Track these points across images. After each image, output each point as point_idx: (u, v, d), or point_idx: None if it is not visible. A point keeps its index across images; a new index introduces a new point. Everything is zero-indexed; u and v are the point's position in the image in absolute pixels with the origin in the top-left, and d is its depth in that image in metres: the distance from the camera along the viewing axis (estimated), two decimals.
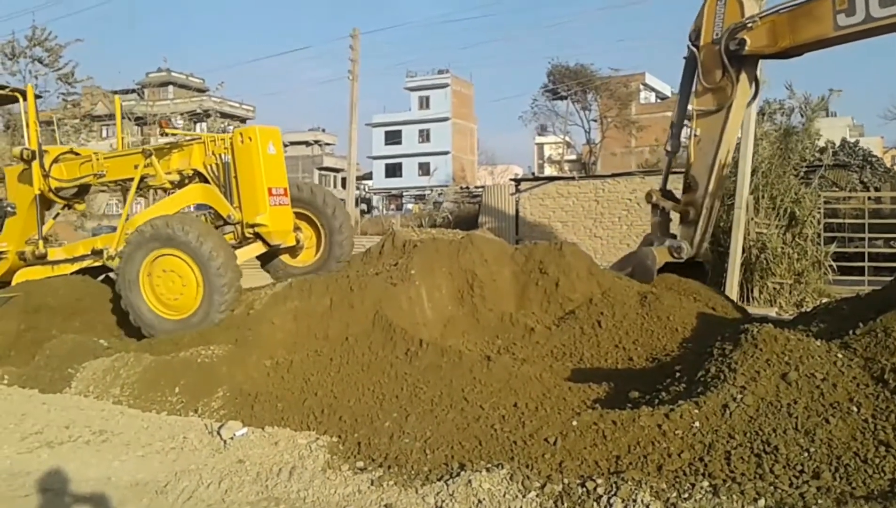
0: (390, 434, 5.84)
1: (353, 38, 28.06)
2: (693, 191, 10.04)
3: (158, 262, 8.32)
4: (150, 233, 8.29)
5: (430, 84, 68.17)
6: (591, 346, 8.13)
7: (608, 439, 5.08)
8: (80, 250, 10.09)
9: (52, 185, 10.04)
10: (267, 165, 8.73)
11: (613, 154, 52.17)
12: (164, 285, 8.34)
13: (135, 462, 5.89)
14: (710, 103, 9.65)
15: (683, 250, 10.16)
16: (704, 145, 9.82)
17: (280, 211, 8.91)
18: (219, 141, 8.99)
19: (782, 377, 5.20)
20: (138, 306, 8.42)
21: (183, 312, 8.29)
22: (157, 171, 9.15)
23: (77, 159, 10.19)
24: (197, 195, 9.22)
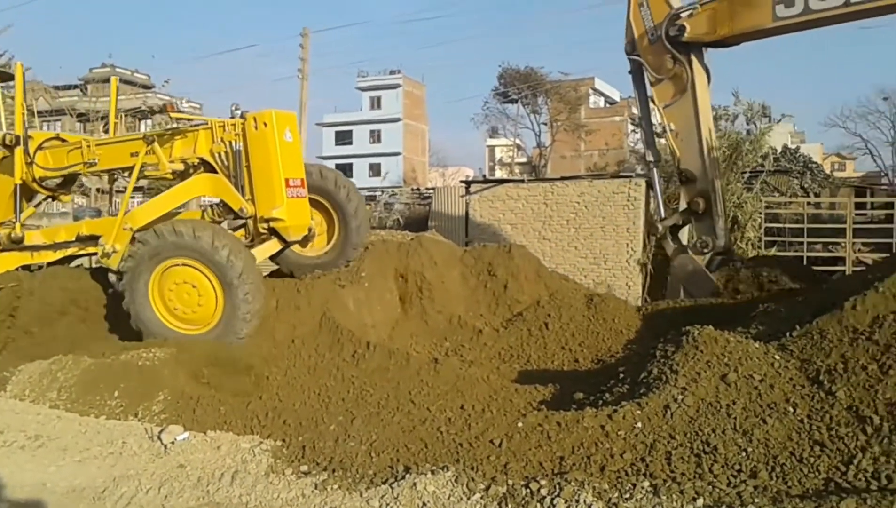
0: (335, 438, 5.80)
1: (303, 37, 27.81)
2: (692, 182, 9.71)
3: (169, 273, 7.56)
4: (158, 242, 7.53)
5: (381, 84, 67.87)
6: (539, 348, 8.21)
7: (552, 440, 5.12)
8: (61, 235, 9.16)
9: (35, 174, 9.12)
10: (284, 154, 7.97)
11: (563, 157, 52.67)
12: (178, 299, 7.59)
13: (72, 467, 5.73)
14: (671, 91, 9.57)
15: (708, 244, 9.70)
16: (684, 134, 9.65)
17: (297, 204, 8.15)
18: (228, 127, 8.11)
19: (722, 378, 5.31)
20: (150, 322, 7.64)
21: (201, 325, 7.58)
22: (159, 159, 8.32)
23: (64, 147, 9.26)
24: (204, 187, 8.29)
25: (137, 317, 7.59)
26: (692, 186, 9.74)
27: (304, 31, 27.94)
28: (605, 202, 16.40)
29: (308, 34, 27.89)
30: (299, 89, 27.80)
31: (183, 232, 7.32)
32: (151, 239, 7.49)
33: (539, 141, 53.05)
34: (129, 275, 7.63)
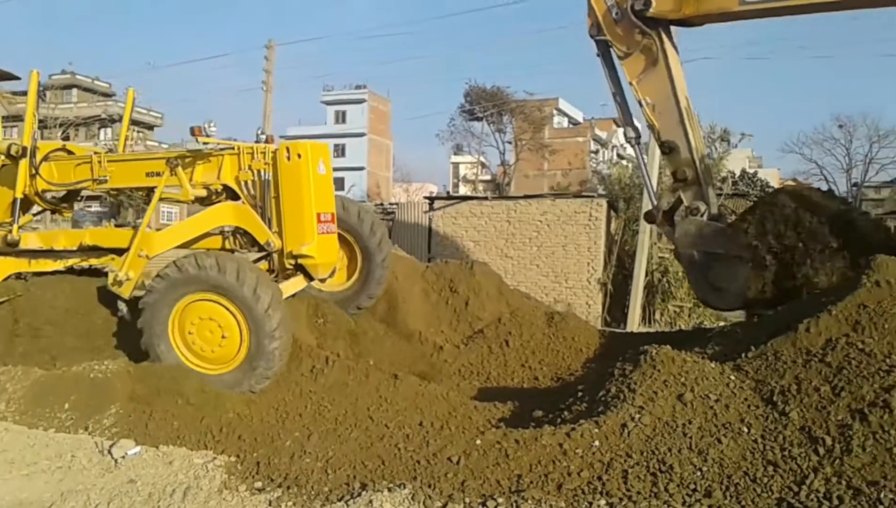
0: (291, 454, 5.71)
1: (268, 49, 27.72)
2: (677, 152, 9.28)
3: (191, 309, 7.04)
4: (181, 275, 7.00)
5: (346, 99, 67.85)
6: (499, 365, 8.22)
7: (510, 458, 5.11)
8: (61, 242, 8.44)
9: (39, 186, 8.44)
10: (317, 188, 7.50)
11: (526, 176, 53.09)
12: (199, 335, 7.03)
13: (18, 481, 5.56)
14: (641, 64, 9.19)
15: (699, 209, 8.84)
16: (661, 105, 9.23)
17: (327, 240, 7.68)
18: (257, 154, 7.58)
19: (678, 397, 5.36)
20: (168, 360, 7.07)
21: (221, 366, 7.02)
22: (182, 183, 7.73)
23: (72, 160, 8.58)
24: (229, 216, 7.67)
25: (157, 358, 7.08)
26: (676, 156, 9.21)
27: (269, 43, 27.89)
28: (566, 221, 16.54)
29: (273, 46, 27.83)
30: (263, 101, 27.67)
31: (206, 265, 6.86)
32: (173, 273, 7.02)
33: (503, 159, 53.49)
34: (148, 312, 7.10)
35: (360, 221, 8.41)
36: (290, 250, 7.44)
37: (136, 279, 7.57)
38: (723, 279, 8.39)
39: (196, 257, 6.96)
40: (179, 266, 6.97)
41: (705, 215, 8.84)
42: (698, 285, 8.93)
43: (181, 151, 8.00)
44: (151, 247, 7.60)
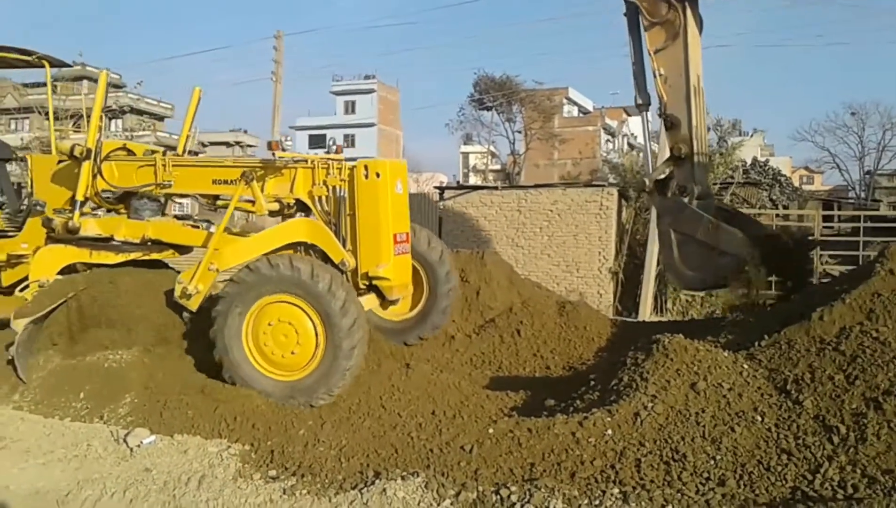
0: (305, 443, 5.76)
1: (276, 40, 27.69)
2: (677, 128, 9.39)
3: (265, 312, 6.83)
4: (255, 277, 6.81)
5: (355, 89, 67.74)
6: (510, 354, 8.22)
7: (523, 446, 5.13)
8: (122, 231, 8.17)
9: (99, 186, 8.14)
10: (394, 207, 7.31)
11: (536, 166, 52.96)
12: (273, 339, 6.82)
13: (35, 469, 5.62)
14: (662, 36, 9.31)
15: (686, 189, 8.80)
16: (672, 80, 9.30)
17: (402, 261, 7.52)
18: (333, 169, 7.34)
19: (691, 386, 5.36)
20: (238, 362, 6.82)
21: (292, 372, 6.77)
22: (256, 197, 7.48)
23: (133, 161, 8.27)
24: (302, 232, 7.41)
25: (231, 367, 6.82)
26: (676, 132, 9.38)
27: (277, 33, 27.86)
28: (577, 211, 16.49)
29: (281, 36, 27.81)
30: (272, 92, 27.67)
31: (280, 264, 6.72)
32: (246, 276, 6.87)
33: (513, 149, 53.32)
34: (221, 320, 6.86)
35: (430, 248, 8.19)
36: (366, 271, 7.24)
37: (204, 293, 7.41)
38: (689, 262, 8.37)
39: (269, 259, 6.82)
40: (252, 268, 6.81)
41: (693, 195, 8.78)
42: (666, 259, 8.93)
43: (254, 162, 7.83)
44: (222, 261, 7.39)
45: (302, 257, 6.96)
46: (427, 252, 8.13)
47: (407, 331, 8.26)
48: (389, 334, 8.14)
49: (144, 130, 41.80)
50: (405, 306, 8.22)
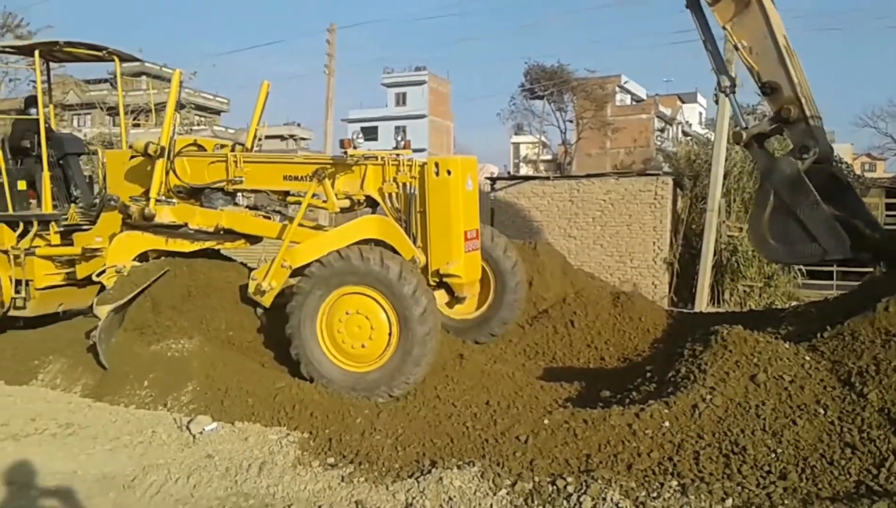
0: (361, 431, 5.83)
1: (329, 33, 27.88)
2: (779, 92, 8.80)
3: (348, 299, 6.89)
4: (327, 270, 6.90)
5: (406, 81, 67.99)
6: (564, 345, 8.19)
7: (579, 437, 5.12)
8: (196, 220, 8.28)
9: (171, 183, 8.31)
10: (464, 205, 7.29)
11: (589, 155, 52.42)
12: (347, 330, 6.89)
13: (102, 455, 5.81)
14: (732, 5, 8.85)
15: (809, 148, 7.94)
16: (758, 46, 8.71)
17: (473, 258, 7.47)
18: (403, 166, 7.37)
19: (751, 378, 5.27)
20: (314, 353, 6.93)
21: (359, 364, 6.87)
22: (327, 194, 7.57)
23: (205, 157, 8.42)
24: (373, 229, 7.41)
25: (300, 345, 6.95)
26: (779, 96, 8.68)
27: (330, 26, 27.99)
28: (631, 200, 16.29)
29: (335, 30, 27.95)
30: (325, 85, 27.90)
31: (370, 258, 6.79)
32: (317, 270, 6.98)
33: (565, 138, 52.83)
34: (296, 316, 6.96)
35: (505, 256, 8.14)
36: (437, 268, 7.26)
37: (277, 289, 7.56)
38: (776, 231, 7.83)
39: (361, 250, 6.88)
40: (343, 256, 6.88)
41: (813, 154, 8.01)
42: (754, 218, 8.21)
43: (325, 159, 7.92)
44: (295, 259, 7.46)
45: (393, 255, 6.96)
46: (491, 248, 8.07)
47: (468, 331, 8.23)
48: (458, 332, 8.11)
49: (201, 125, 42.59)
50: (471, 305, 8.19)
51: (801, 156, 7.98)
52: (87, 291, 9.06)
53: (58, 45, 9.46)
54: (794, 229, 7.72)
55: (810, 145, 8.01)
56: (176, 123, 8.40)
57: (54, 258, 9.21)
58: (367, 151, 7.76)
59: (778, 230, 7.83)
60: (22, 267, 9.12)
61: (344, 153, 7.39)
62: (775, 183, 8.03)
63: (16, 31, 26.95)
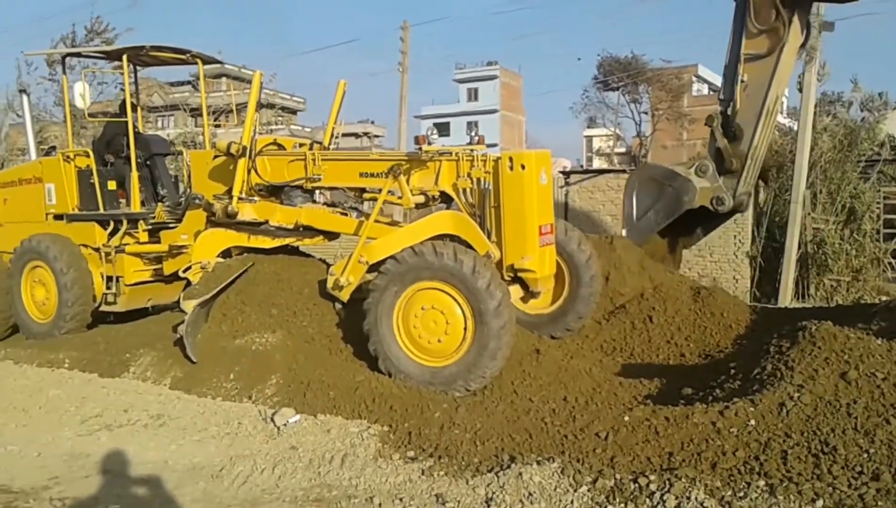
0: (440, 425, 5.88)
1: (402, 31, 28.10)
2: (738, 140, 9.28)
3: (423, 294, 6.94)
4: (401, 267, 6.98)
5: (478, 76, 67.92)
6: (642, 341, 8.06)
7: (661, 435, 5.04)
8: (277, 217, 8.55)
9: (252, 182, 8.56)
10: (539, 199, 7.24)
11: (664, 147, 51.34)
12: (423, 325, 6.94)
13: (191, 446, 6.04)
14: (762, 47, 9.00)
15: (725, 203, 9.24)
16: (752, 91, 9.12)
17: (547, 252, 7.38)
18: (477, 162, 7.35)
19: (841, 376, 5.10)
20: (391, 349, 7.01)
21: (436, 359, 6.91)
22: (402, 190, 7.65)
23: (284, 156, 8.63)
24: (447, 224, 7.42)
25: (378, 341, 7.04)
26: (736, 145, 9.30)
27: (403, 24, 28.21)
28: None
29: (408, 27, 28.16)
30: (399, 82, 28.13)
31: (444, 253, 6.80)
32: (392, 267, 7.07)
33: (639, 130, 51.88)
34: (373, 312, 7.06)
35: (579, 250, 8.07)
36: (511, 263, 7.23)
37: (355, 284, 7.71)
38: None
39: (412, 247, 6.97)
40: (417, 251, 6.96)
41: (726, 209, 9.45)
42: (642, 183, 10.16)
43: (400, 156, 8.04)
44: (371, 254, 7.58)
45: (466, 250, 6.97)
46: (565, 241, 7.99)
47: (542, 325, 8.18)
48: (533, 328, 8.08)
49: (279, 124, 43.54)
50: (546, 300, 8.11)
51: (715, 206, 9.39)
52: (173, 286, 9.42)
53: (144, 49, 9.83)
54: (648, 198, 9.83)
55: (725, 202, 9.32)
56: (256, 123, 8.59)
57: (142, 255, 9.63)
58: (442, 147, 7.78)
59: (642, 191, 9.99)
60: (112, 264, 9.57)
61: (419, 149, 7.44)
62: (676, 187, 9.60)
63: (102, 35, 28.00)
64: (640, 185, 9.96)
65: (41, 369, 8.00)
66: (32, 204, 10.08)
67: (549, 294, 8.07)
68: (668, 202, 9.56)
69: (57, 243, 9.48)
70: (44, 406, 7.00)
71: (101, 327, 9.46)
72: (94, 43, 26.52)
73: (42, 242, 9.51)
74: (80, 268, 9.41)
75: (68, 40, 26.16)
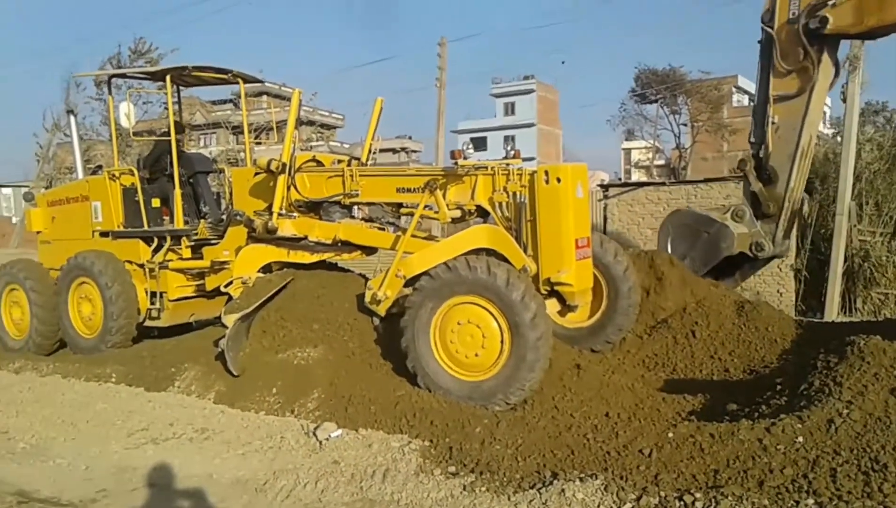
0: (481, 440, 5.86)
1: (440, 47, 28.27)
2: (773, 184, 9.12)
3: (458, 309, 6.99)
4: (436, 282, 7.03)
5: (515, 90, 68.06)
6: (685, 356, 7.95)
7: (706, 452, 4.97)
8: (315, 232, 8.65)
9: (292, 198, 8.71)
10: (575, 212, 7.20)
11: (704, 159, 50.79)
12: (459, 340, 6.96)
13: (235, 459, 6.11)
14: (791, 87, 8.86)
15: (764, 249, 9.05)
16: (784, 133, 8.96)
17: (584, 266, 7.36)
18: (513, 176, 7.38)
19: (891, 391, 5.00)
20: (429, 365, 7.04)
21: (474, 373, 6.92)
22: (439, 204, 7.68)
23: (323, 172, 8.76)
24: (483, 238, 7.42)
25: (416, 358, 7.09)
26: (772, 188, 9.08)
27: (441, 40, 28.39)
28: None
29: (445, 44, 28.33)
30: (437, 98, 28.29)
31: (477, 267, 6.85)
32: (427, 283, 7.10)
33: (678, 142, 51.48)
34: (410, 330, 7.13)
35: (616, 261, 8.03)
36: (547, 277, 7.19)
37: (392, 298, 7.76)
38: None
39: (467, 260, 6.98)
40: (450, 267, 7.00)
41: (760, 256, 9.19)
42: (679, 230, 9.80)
43: (436, 171, 8.10)
44: (409, 268, 7.63)
45: (500, 263, 6.98)
46: (601, 253, 7.96)
47: (580, 339, 8.15)
48: (572, 341, 8.06)
49: (318, 141, 44.11)
50: (583, 314, 8.08)
51: (754, 252, 9.09)
52: (216, 302, 9.55)
53: (187, 69, 10.06)
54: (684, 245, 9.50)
55: (765, 248, 9.02)
56: (296, 140, 8.72)
57: (185, 271, 9.78)
58: (477, 161, 7.81)
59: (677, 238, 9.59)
60: (156, 280, 9.75)
61: (455, 164, 7.48)
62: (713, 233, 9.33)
63: (146, 55, 28.69)
64: (674, 231, 9.69)
65: (89, 383, 8.18)
66: (79, 222, 10.33)
67: (586, 308, 8.04)
68: (705, 249, 9.35)
69: (102, 258, 9.70)
70: (91, 420, 7.15)
71: (147, 341, 9.64)
72: (139, 63, 27.20)
73: (87, 258, 9.73)
74: (124, 282, 9.61)
75: (114, 61, 26.83)
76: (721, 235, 9.29)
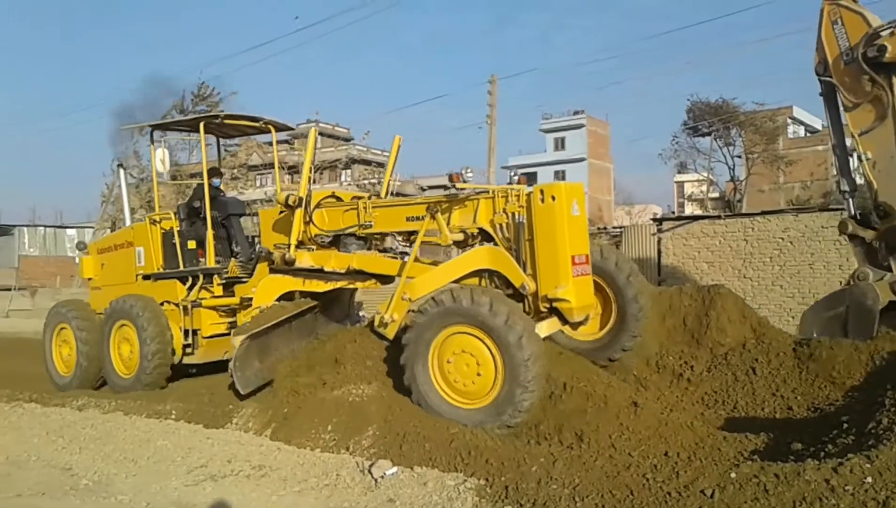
0: (538, 479, 5.77)
1: (491, 84, 28.56)
2: (890, 217, 8.75)
3: (451, 341, 7.24)
4: (439, 309, 7.24)
5: (565, 125, 68.22)
6: (746, 394, 7.77)
7: (770, 493, 4.81)
8: (331, 263, 9.03)
9: (311, 232, 9.15)
10: (571, 230, 7.40)
11: (761, 191, 49.91)
12: (456, 369, 7.23)
13: (292, 497, 6.13)
14: (868, 117, 8.62)
15: None
16: (882, 165, 8.59)
17: (582, 282, 7.52)
18: (512, 197, 7.64)
19: None
20: (427, 391, 7.31)
21: (473, 401, 7.15)
22: (441, 228, 7.96)
23: (340, 206, 9.17)
24: (484, 259, 7.72)
25: (424, 399, 7.32)
26: (889, 221, 8.62)
27: (492, 77, 28.70)
28: (812, 237, 15.35)
29: (496, 81, 28.61)
30: (487, 134, 28.49)
31: (461, 298, 7.11)
32: (431, 307, 7.33)
33: (733, 175, 50.65)
34: (410, 348, 7.42)
35: (618, 269, 8.09)
36: (545, 294, 7.37)
37: (399, 321, 8.02)
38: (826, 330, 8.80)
39: (452, 292, 7.24)
40: (437, 301, 7.27)
41: None
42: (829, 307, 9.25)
43: (439, 197, 8.32)
44: (414, 291, 7.95)
45: (483, 289, 7.39)
46: (615, 273, 8.07)
47: (595, 351, 8.27)
48: (590, 354, 8.22)
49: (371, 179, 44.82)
50: (594, 326, 8.26)
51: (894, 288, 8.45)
52: None
53: (218, 117, 10.59)
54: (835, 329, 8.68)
55: None
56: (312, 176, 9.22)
57: (218, 309, 10.23)
58: (477, 185, 8.10)
59: (826, 328, 8.76)
60: (191, 317, 10.15)
61: (452, 186, 7.76)
62: (853, 299, 8.71)
63: (208, 100, 29.66)
64: (820, 330, 9.03)
65: (149, 420, 8.34)
66: (125, 267, 10.89)
67: (597, 320, 8.24)
68: (857, 318, 8.70)
69: (140, 301, 10.19)
70: (152, 457, 7.28)
71: (207, 377, 9.84)
72: (200, 108, 28.12)
73: (127, 301, 10.25)
74: (159, 323, 10.03)
75: (178, 105, 27.79)
76: (860, 295, 8.75)
